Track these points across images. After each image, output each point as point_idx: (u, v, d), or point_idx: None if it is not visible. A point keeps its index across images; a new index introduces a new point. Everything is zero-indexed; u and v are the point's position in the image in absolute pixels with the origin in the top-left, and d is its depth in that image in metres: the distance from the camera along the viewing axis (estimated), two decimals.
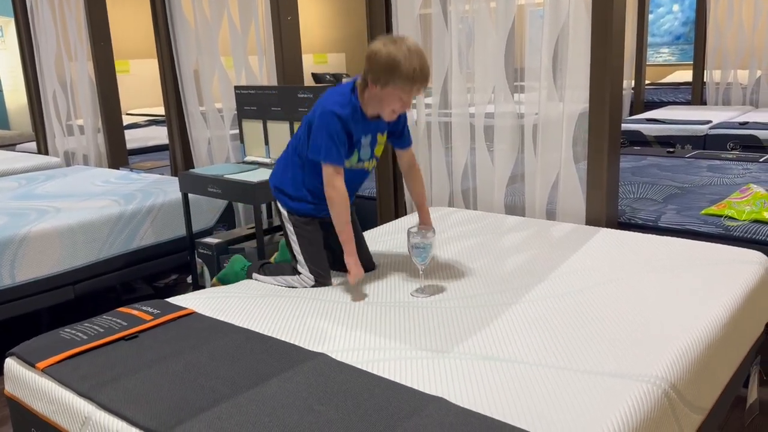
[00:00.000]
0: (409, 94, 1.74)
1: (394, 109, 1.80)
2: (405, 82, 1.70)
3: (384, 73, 1.71)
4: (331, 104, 1.80)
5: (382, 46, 1.72)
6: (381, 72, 1.71)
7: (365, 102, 1.83)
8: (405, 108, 1.81)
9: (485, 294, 1.88)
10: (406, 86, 1.71)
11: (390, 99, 1.77)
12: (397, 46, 1.71)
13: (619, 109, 2.56)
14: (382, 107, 1.81)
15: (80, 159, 4.90)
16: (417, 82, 1.71)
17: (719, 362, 1.66)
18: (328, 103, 1.82)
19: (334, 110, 1.79)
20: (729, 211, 2.57)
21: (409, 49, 1.71)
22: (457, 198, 3.13)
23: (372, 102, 1.82)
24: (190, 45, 3.86)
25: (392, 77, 1.70)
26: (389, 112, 1.81)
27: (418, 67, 1.70)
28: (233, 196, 2.82)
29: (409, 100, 1.77)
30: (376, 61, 1.72)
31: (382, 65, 1.70)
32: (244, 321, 1.77)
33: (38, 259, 2.77)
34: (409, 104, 1.80)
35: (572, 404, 1.28)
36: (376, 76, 1.73)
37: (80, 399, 1.42)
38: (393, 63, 1.69)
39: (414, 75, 1.70)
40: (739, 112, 5.32)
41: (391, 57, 1.69)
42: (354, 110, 1.83)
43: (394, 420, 1.24)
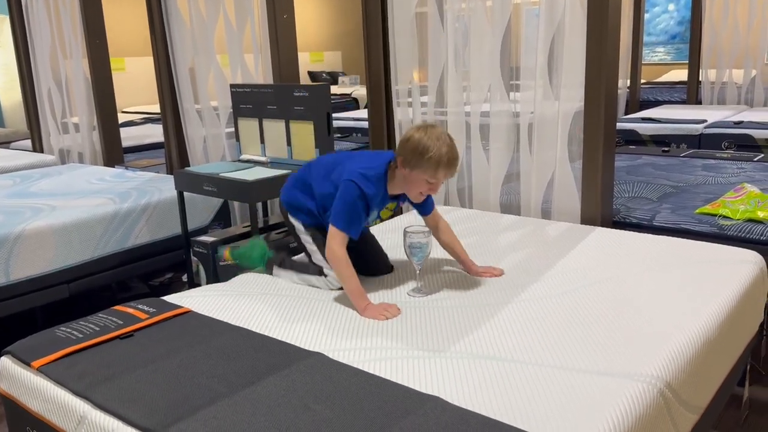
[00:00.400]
0: (435, 177, 1.83)
1: (422, 191, 1.89)
2: (431, 165, 1.80)
3: (413, 156, 1.81)
4: (361, 180, 1.86)
5: (415, 132, 1.84)
6: (410, 155, 1.81)
7: (392, 182, 1.92)
8: (432, 191, 1.90)
9: (481, 293, 1.89)
10: (431, 170, 1.81)
11: (417, 182, 1.85)
12: (428, 133, 1.82)
13: (614, 108, 2.57)
14: (409, 189, 1.90)
15: (75, 157, 4.89)
16: (443, 166, 1.81)
17: (714, 361, 1.66)
18: (358, 177, 1.87)
19: (365, 191, 1.86)
20: (723, 210, 2.58)
21: (438, 137, 1.81)
22: (453, 197, 3.13)
23: (399, 182, 1.91)
24: (185, 43, 3.85)
25: (420, 161, 1.80)
26: (416, 194, 1.90)
27: (445, 152, 1.80)
28: (229, 195, 2.81)
29: (436, 183, 1.86)
30: (407, 144, 1.83)
31: (412, 149, 1.81)
32: (240, 320, 1.77)
33: (33, 257, 2.76)
34: (436, 188, 1.88)
35: (568, 403, 1.29)
36: (406, 159, 1.83)
37: (75, 398, 1.42)
38: (422, 147, 1.79)
39: (440, 160, 1.79)
40: (734, 112, 5.34)
41: (421, 142, 1.80)
42: (380, 190, 1.92)
43: (390, 419, 1.24)
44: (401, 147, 1.85)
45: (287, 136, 2.97)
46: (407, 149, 1.82)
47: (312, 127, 2.84)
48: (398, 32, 3.09)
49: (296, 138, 2.94)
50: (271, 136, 3.05)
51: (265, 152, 3.11)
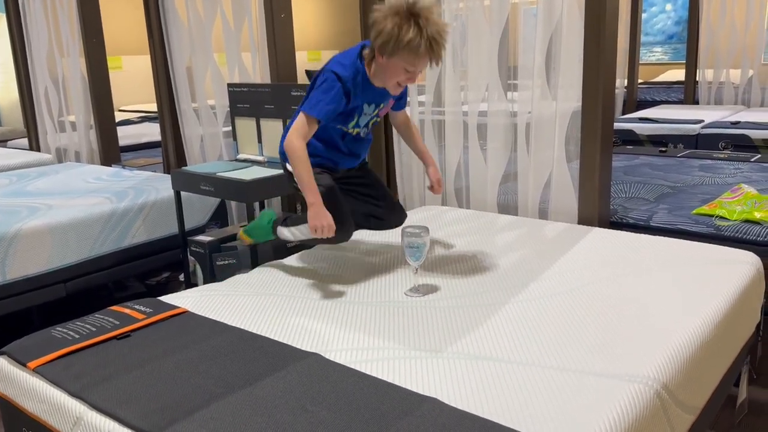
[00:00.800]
0: (415, 65, 1.63)
1: (399, 82, 1.71)
2: (411, 53, 1.58)
3: (390, 41, 1.59)
4: (333, 64, 1.74)
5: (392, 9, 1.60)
6: (386, 41, 1.59)
7: (372, 73, 1.75)
8: (411, 81, 1.70)
9: (478, 293, 1.89)
10: (411, 58, 1.60)
11: (395, 71, 1.67)
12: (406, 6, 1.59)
13: (612, 108, 2.57)
14: (386, 79, 1.72)
15: (72, 156, 4.88)
16: (427, 55, 1.60)
17: (711, 362, 1.66)
18: (331, 63, 1.77)
19: (335, 69, 1.71)
20: (720, 210, 2.58)
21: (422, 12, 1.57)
22: (450, 197, 3.13)
23: (377, 73, 1.74)
24: (183, 42, 3.84)
25: (398, 47, 1.58)
26: (394, 84, 1.73)
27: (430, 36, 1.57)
28: (226, 194, 2.81)
29: (415, 72, 1.66)
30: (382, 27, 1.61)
31: (389, 33, 1.58)
32: (237, 320, 1.76)
33: (29, 256, 2.75)
34: (415, 77, 1.68)
35: (564, 404, 1.29)
36: (381, 45, 1.63)
37: (72, 399, 1.42)
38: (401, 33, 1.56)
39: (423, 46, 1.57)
40: (731, 112, 5.35)
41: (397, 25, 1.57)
42: (356, 73, 1.74)
43: (387, 420, 1.24)
44: (376, 32, 1.62)
45: None
46: (381, 33, 1.60)
47: None
48: None
49: None
50: (269, 136, 3.05)
51: (263, 152, 3.10)
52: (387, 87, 1.77)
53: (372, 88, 1.82)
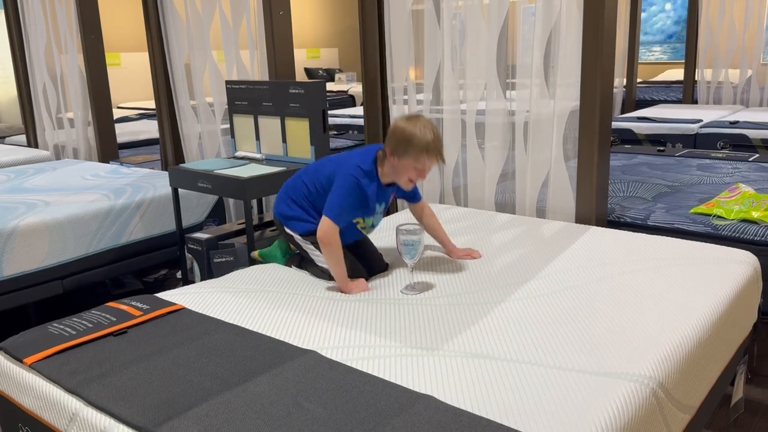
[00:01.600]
0: (421, 163, 1.91)
1: (411, 178, 1.96)
2: (419, 152, 1.89)
3: (399, 144, 1.90)
4: (358, 173, 1.95)
5: (401, 122, 1.94)
6: (397, 143, 1.91)
7: (383, 171, 2.00)
8: (421, 177, 1.97)
9: (475, 291, 1.89)
10: (417, 156, 1.89)
11: (406, 169, 1.93)
12: (413, 122, 1.92)
13: (610, 108, 2.57)
14: (398, 177, 1.97)
15: (70, 152, 4.87)
16: (428, 152, 1.90)
17: (707, 361, 1.67)
18: (355, 170, 1.96)
19: (360, 181, 1.95)
20: (718, 210, 2.59)
21: (423, 125, 1.91)
22: (448, 195, 3.13)
23: (389, 171, 1.99)
24: (181, 39, 3.84)
25: (407, 149, 1.89)
26: (406, 181, 1.97)
27: (431, 140, 1.90)
28: (224, 192, 2.81)
29: (423, 170, 1.94)
30: (394, 134, 1.93)
31: (399, 137, 1.91)
32: (234, 317, 1.76)
33: (27, 253, 2.75)
34: (424, 174, 1.96)
35: (560, 403, 1.29)
36: (393, 148, 1.92)
37: (68, 395, 1.42)
38: (407, 135, 1.89)
39: (426, 146, 1.89)
40: (730, 111, 5.35)
41: (406, 130, 1.90)
42: (374, 180, 1.99)
43: (383, 417, 1.24)
44: (389, 137, 1.94)
45: (283, 133, 2.97)
46: (394, 138, 1.92)
47: (307, 124, 2.84)
48: (394, 30, 3.09)
49: (291, 135, 2.93)
50: (267, 133, 3.05)
51: (261, 149, 3.10)
52: (400, 184, 2.01)
53: (382, 189, 2.04)
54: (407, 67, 3.17)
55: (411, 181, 1.97)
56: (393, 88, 3.18)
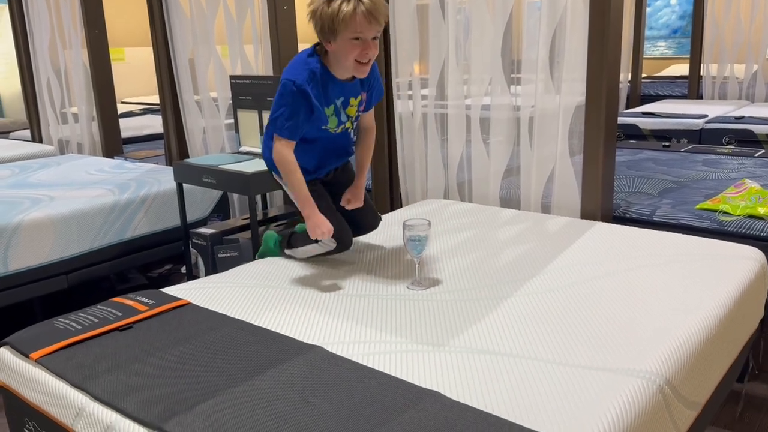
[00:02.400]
0: (357, 31, 1.61)
1: (357, 58, 1.67)
2: (348, 20, 1.58)
3: (326, 23, 1.62)
4: (294, 74, 1.72)
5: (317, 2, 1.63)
6: (323, 24, 1.62)
7: (332, 65, 1.74)
8: (366, 49, 1.66)
9: (481, 287, 1.88)
10: (350, 24, 1.59)
11: (347, 49, 1.65)
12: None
13: (616, 103, 2.56)
14: (345, 62, 1.70)
15: (74, 147, 4.88)
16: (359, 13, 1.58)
17: (714, 358, 1.66)
18: (291, 72, 1.74)
19: (289, 77, 1.71)
20: (724, 206, 2.58)
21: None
22: (453, 190, 3.13)
23: (336, 62, 1.72)
24: (185, 33, 3.83)
25: (334, 24, 1.60)
26: (354, 64, 1.69)
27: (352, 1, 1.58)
28: (228, 187, 2.80)
29: (365, 40, 1.63)
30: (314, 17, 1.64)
31: (321, 18, 1.62)
32: (239, 312, 1.76)
33: (31, 247, 2.75)
34: (369, 45, 1.65)
35: (567, 399, 1.29)
36: (322, 33, 1.64)
37: (74, 390, 1.42)
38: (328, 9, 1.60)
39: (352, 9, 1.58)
40: (735, 107, 5.33)
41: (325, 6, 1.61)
42: (312, 73, 1.73)
43: (389, 413, 1.24)
44: (314, 24, 1.66)
45: None
46: (318, 22, 1.63)
47: None
48: (399, 24, 3.08)
49: None
50: None
51: None
52: (349, 69, 1.74)
53: (337, 83, 1.80)
54: (412, 62, 3.16)
55: (359, 62, 1.68)
56: (398, 83, 3.17)
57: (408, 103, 3.18)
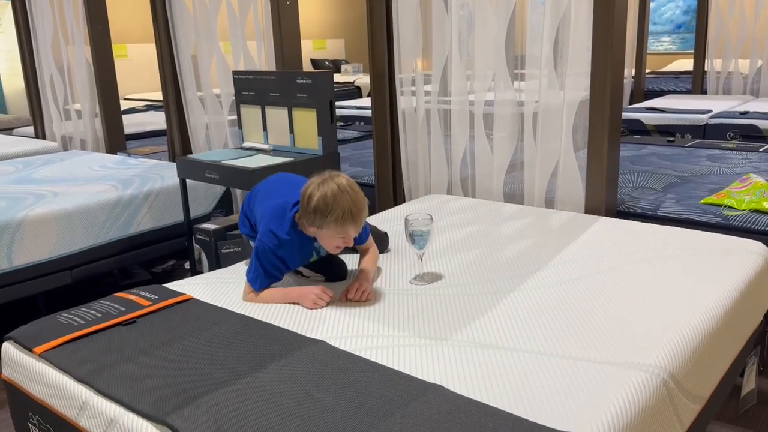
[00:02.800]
0: (344, 233, 1.74)
1: (338, 245, 1.79)
2: (338, 224, 1.71)
3: (316, 217, 1.72)
4: (271, 240, 1.80)
5: (314, 190, 1.73)
6: (313, 216, 1.72)
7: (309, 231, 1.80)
8: (348, 244, 1.79)
9: (484, 282, 1.88)
10: (338, 228, 1.72)
11: (330, 238, 1.76)
12: (326, 189, 1.71)
13: (620, 98, 2.55)
14: (324, 244, 1.81)
15: (78, 144, 4.88)
16: (348, 222, 1.71)
17: (718, 352, 1.66)
18: (269, 237, 1.81)
19: (273, 249, 1.80)
20: (728, 200, 2.57)
21: (338, 191, 1.70)
22: (456, 186, 3.12)
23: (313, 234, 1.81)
24: (188, 30, 3.83)
25: (324, 221, 1.71)
26: (333, 248, 1.81)
27: (348, 207, 1.70)
28: (231, 182, 2.80)
29: (348, 237, 1.76)
30: (308, 206, 1.73)
31: (313, 210, 1.71)
32: (242, 307, 1.76)
33: (35, 243, 2.76)
34: (350, 241, 1.78)
35: (570, 392, 1.28)
36: (311, 220, 1.74)
37: (78, 384, 1.42)
38: (323, 208, 1.70)
39: (344, 217, 1.70)
40: (740, 102, 5.31)
41: (320, 202, 1.70)
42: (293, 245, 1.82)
43: (392, 406, 1.24)
44: (303, 209, 1.74)
45: (290, 124, 2.96)
46: (309, 211, 1.72)
47: (315, 114, 2.83)
48: (402, 20, 3.07)
49: (299, 125, 2.93)
50: (274, 124, 3.04)
51: (268, 140, 3.10)
52: (327, 249, 1.83)
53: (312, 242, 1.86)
54: (415, 58, 3.15)
55: (338, 248, 1.79)
56: (401, 78, 3.16)
57: (411, 99, 3.18)
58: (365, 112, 5.76)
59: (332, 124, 2.86)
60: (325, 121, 2.83)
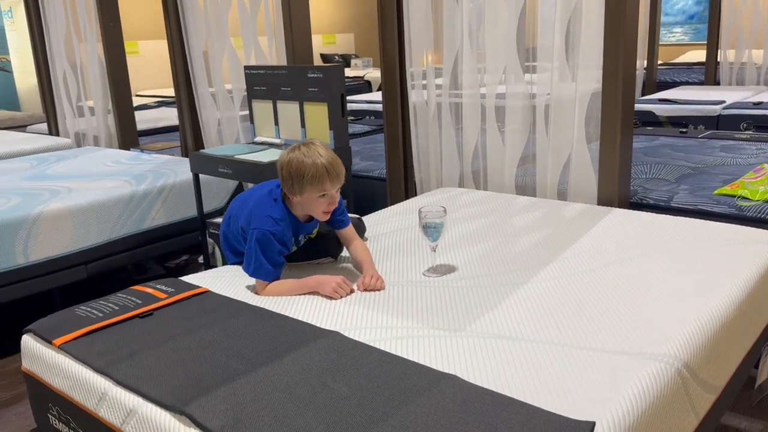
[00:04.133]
0: (324, 190, 1.78)
1: (323, 210, 1.83)
2: (315, 182, 1.75)
3: (294, 182, 1.77)
4: (270, 224, 1.83)
5: (286, 156, 1.78)
6: (292, 181, 1.77)
7: (294, 208, 1.87)
8: (332, 204, 1.83)
9: (496, 274, 1.88)
10: (317, 186, 1.76)
11: (313, 202, 1.81)
12: (299, 152, 1.77)
13: (633, 89, 2.54)
14: (311, 211, 1.86)
15: (91, 140, 4.92)
16: (326, 177, 1.76)
17: (733, 342, 1.65)
18: (267, 222, 1.83)
19: (275, 233, 1.82)
20: (742, 191, 2.55)
21: (308, 152, 1.76)
22: (467, 178, 3.12)
23: (300, 208, 1.87)
24: (199, 26, 3.85)
25: (302, 183, 1.76)
26: (320, 213, 1.84)
27: (321, 163, 1.75)
28: (244, 177, 2.82)
29: (330, 195, 1.80)
30: (283, 173, 1.79)
31: (290, 175, 1.77)
32: (257, 300, 1.78)
33: (51, 238, 2.79)
34: (334, 200, 1.82)
35: (585, 382, 1.29)
36: (290, 188, 1.79)
37: (97, 375, 1.44)
38: (298, 170, 1.75)
39: (320, 173, 1.74)
40: (753, 92, 5.26)
41: (294, 164, 1.75)
42: (287, 223, 1.86)
43: (408, 396, 1.25)
44: (282, 179, 1.81)
45: (301, 118, 2.97)
46: (286, 179, 1.78)
47: (326, 108, 2.84)
48: (413, 13, 3.07)
49: (310, 120, 2.94)
50: (286, 118, 3.05)
51: (280, 134, 3.11)
52: (315, 216, 1.88)
53: (303, 225, 1.93)
54: (426, 51, 3.15)
55: (325, 212, 1.84)
56: (411, 72, 3.16)
57: (422, 92, 3.18)
58: (376, 107, 5.75)
59: (343, 118, 2.87)
60: (337, 114, 2.84)
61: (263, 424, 1.18)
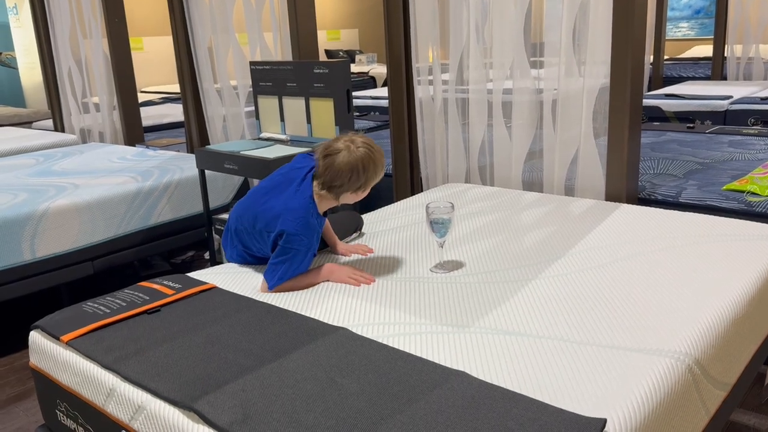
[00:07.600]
0: (371, 184, 1.81)
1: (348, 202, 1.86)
2: (374, 178, 1.79)
3: (351, 180, 1.76)
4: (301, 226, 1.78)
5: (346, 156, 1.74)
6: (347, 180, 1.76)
7: (320, 205, 1.85)
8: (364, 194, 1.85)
9: (504, 270, 1.88)
10: (375, 179, 1.80)
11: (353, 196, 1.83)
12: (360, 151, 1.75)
13: (641, 84, 2.52)
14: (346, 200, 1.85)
15: (96, 136, 4.92)
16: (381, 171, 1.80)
17: (742, 339, 1.64)
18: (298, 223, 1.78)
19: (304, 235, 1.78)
20: (751, 186, 2.53)
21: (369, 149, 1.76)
22: (474, 174, 3.11)
23: (327, 202, 1.85)
24: (204, 22, 3.84)
25: (357, 181, 1.76)
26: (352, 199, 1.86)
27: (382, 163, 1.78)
28: (249, 173, 2.81)
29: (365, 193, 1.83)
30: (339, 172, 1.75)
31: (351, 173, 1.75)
32: (264, 296, 1.77)
33: (57, 234, 2.79)
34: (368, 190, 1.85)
35: (594, 378, 1.28)
36: (343, 185, 1.77)
37: (105, 371, 1.44)
38: (360, 169, 1.75)
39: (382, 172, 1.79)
40: (761, 87, 5.23)
41: (354, 164, 1.74)
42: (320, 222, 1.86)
43: (416, 392, 1.24)
44: (334, 176, 1.75)
45: (307, 114, 2.96)
46: (342, 176, 1.74)
47: (332, 104, 2.83)
48: (419, 8, 3.05)
49: (316, 115, 2.93)
50: (291, 114, 3.04)
51: (285, 130, 3.10)
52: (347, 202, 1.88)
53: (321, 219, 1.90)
54: (432, 47, 3.13)
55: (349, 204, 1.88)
56: (417, 68, 3.15)
57: (428, 88, 3.16)
58: (381, 102, 5.74)
59: (349, 113, 2.86)
60: (342, 110, 2.83)
61: (272, 420, 1.18)
